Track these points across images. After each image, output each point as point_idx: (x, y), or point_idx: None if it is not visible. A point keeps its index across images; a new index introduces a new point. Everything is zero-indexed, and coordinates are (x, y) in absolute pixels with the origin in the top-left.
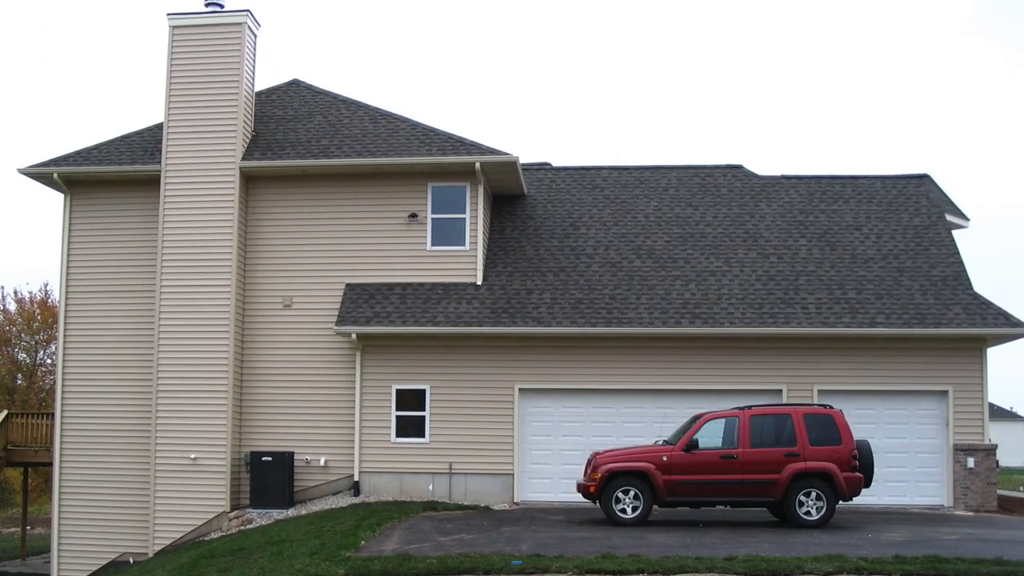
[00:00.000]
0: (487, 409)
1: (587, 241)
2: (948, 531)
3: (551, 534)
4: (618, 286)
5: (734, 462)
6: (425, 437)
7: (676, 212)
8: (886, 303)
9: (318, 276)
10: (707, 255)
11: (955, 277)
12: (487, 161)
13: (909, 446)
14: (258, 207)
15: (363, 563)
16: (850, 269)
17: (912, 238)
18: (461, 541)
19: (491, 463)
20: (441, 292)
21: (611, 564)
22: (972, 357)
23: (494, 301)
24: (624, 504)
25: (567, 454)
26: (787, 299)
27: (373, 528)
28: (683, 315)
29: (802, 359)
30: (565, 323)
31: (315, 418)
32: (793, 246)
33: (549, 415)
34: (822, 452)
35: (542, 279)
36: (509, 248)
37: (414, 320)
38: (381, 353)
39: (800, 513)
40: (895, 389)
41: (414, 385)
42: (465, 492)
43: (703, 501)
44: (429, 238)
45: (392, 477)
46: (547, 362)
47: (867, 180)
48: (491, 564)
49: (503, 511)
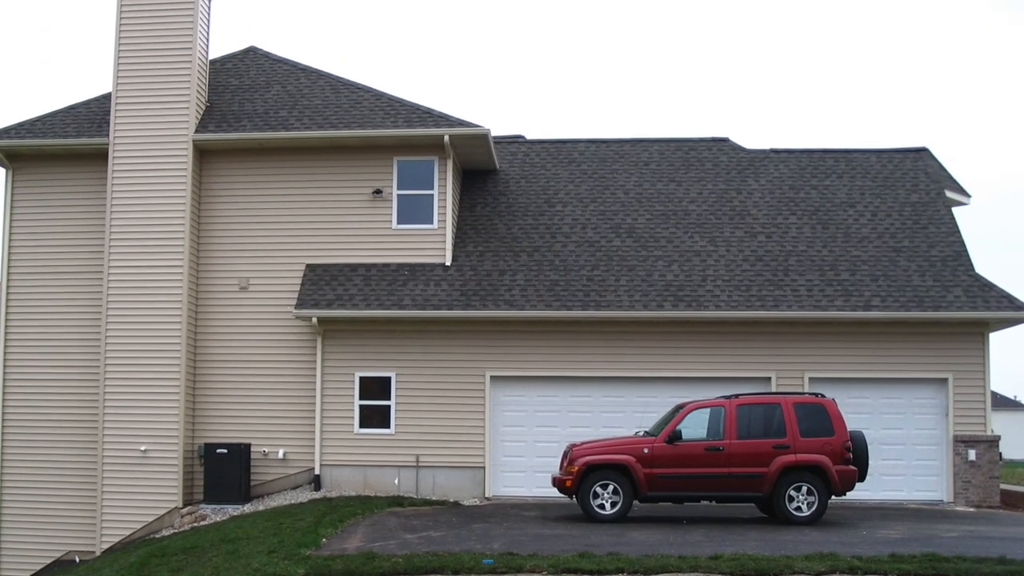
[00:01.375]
0: (457, 398)
1: (563, 219)
2: (948, 528)
3: (525, 531)
4: (596, 267)
5: (720, 454)
6: (390, 428)
7: (658, 188)
8: (882, 285)
9: (276, 256)
10: (691, 234)
11: (955, 257)
12: (456, 134)
13: (906, 437)
14: (212, 183)
15: (324, 562)
16: (843, 249)
17: (909, 216)
18: (429, 539)
19: (461, 455)
20: (407, 273)
21: (589, 563)
22: (973, 342)
23: (464, 283)
24: (602, 499)
25: (542, 446)
26: (776, 281)
27: (335, 525)
28: (665, 298)
29: (792, 345)
30: (540, 306)
31: (273, 408)
32: (783, 224)
33: (523, 404)
34: (813, 444)
35: (515, 259)
36: (480, 226)
37: (378, 303)
38: (343, 338)
39: (790, 509)
40: (891, 377)
41: (379, 372)
42: (433, 486)
43: (687, 496)
44: (395, 216)
45: (355, 470)
46: (521, 348)
47: (861, 154)
48: (461, 563)
49: (474, 507)
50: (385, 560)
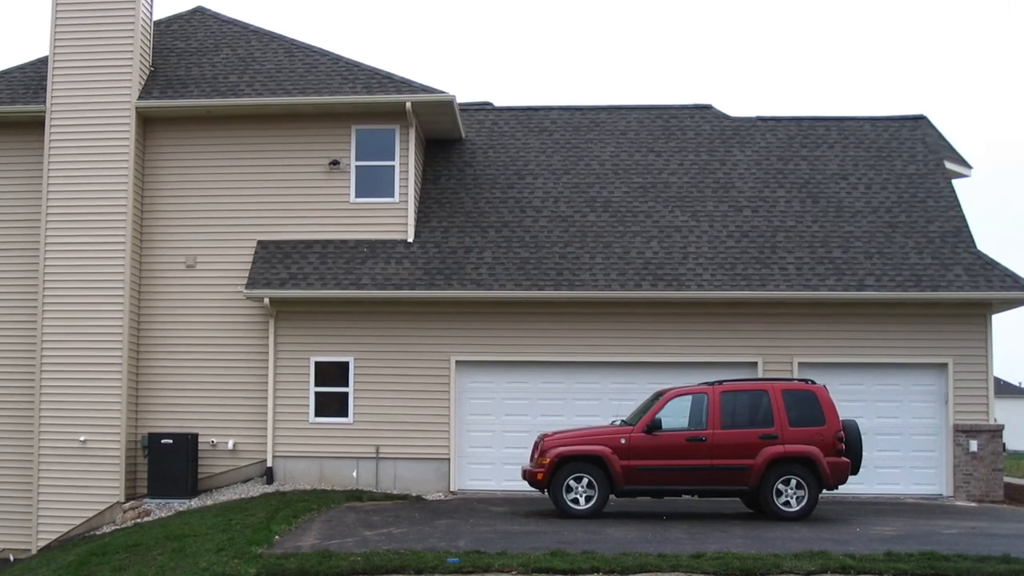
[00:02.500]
0: (419, 384)
1: (534, 192)
2: (947, 524)
3: (493, 528)
4: (569, 243)
5: (702, 445)
6: (348, 417)
7: (636, 159)
8: (876, 263)
9: (226, 232)
10: (671, 208)
11: (955, 233)
12: (419, 100)
13: (903, 427)
14: (157, 153)
15: (277, 561)
16: (835, 224)
17: (906, 188)
18: (389, 536)
19: (424, 446)
20: (367, 250)
21: (561, 562)
22: (975, 325)
23: (427, 261)
24: (576, 493)
25: (511, 436)
26: (763, 258)
27: (289, 521)
28: (644, 277)
29: (780, 327)
30: (509, 286)
31: (222, 395)
32: (770, 198)
33: (490, 391)
34: (803, 434)
35: (482, 235)
36: (444, 200)
37: (335, 283)
38: (298, 320)
39: (778, 504)
40: (887, 362)
41: (336, 357)
42: (394, 479)
43: (667, 490)
44: (353, 189)
45: (310, 462)
46: (488, 331)
47: (855, 122)
48: (424, 562)
49: (438, 501)
50: (342, 559)
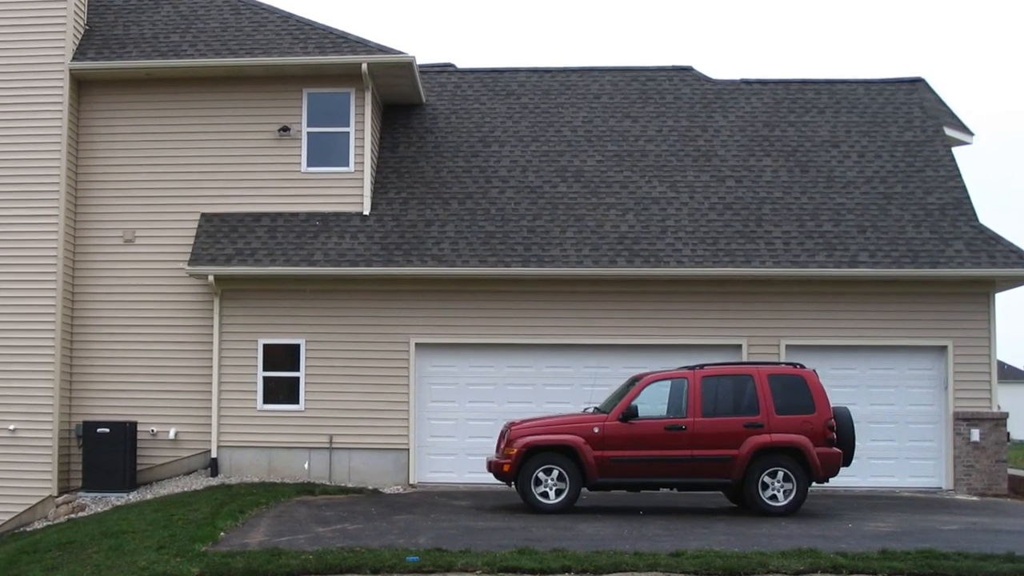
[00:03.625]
0: (376, 369)
1: (500, 161)
2: (947, 520)
3: (455, 524)
4: (538, 216)
5: (682, 434)
6: (299, 404)
7: (610, 125)
8: (870, 237)
9: (167, 204)
10: (648, 178)
11: (956, 205)
12: (376, 62)
13: (899, 414)
14: (93, 119)
15: (222, 560)
16: (826, 195)
17: (903, 157)
18: (344, 532)
19: (381, 436)
20: (319, 224)
21: (530, 561)
22: (977, 304)
23: (385, 235)
24: (546, 486)
25: (475, 424)
26: (748, 233)
27: (235, 516)
28: (619, 252)
29: (766, 307)
30: (473, 262)
31: (163, 380)
32: (755, 167)
33: (453, 376)
34: (791, 422)
35: (444, 208)
36: (403, 170)
37: (285, 259)
38: (245, 299)
39: (764, 498)
40: (882, 344)
41: (286, 339)
42: (349, 471)
43: (644, 482)
44: (304, 157)
45: (259, 453)
46: (451, 311)
47: (847, 85)
48: (381, 561)
49: (396, 495)
50: (293, 557)
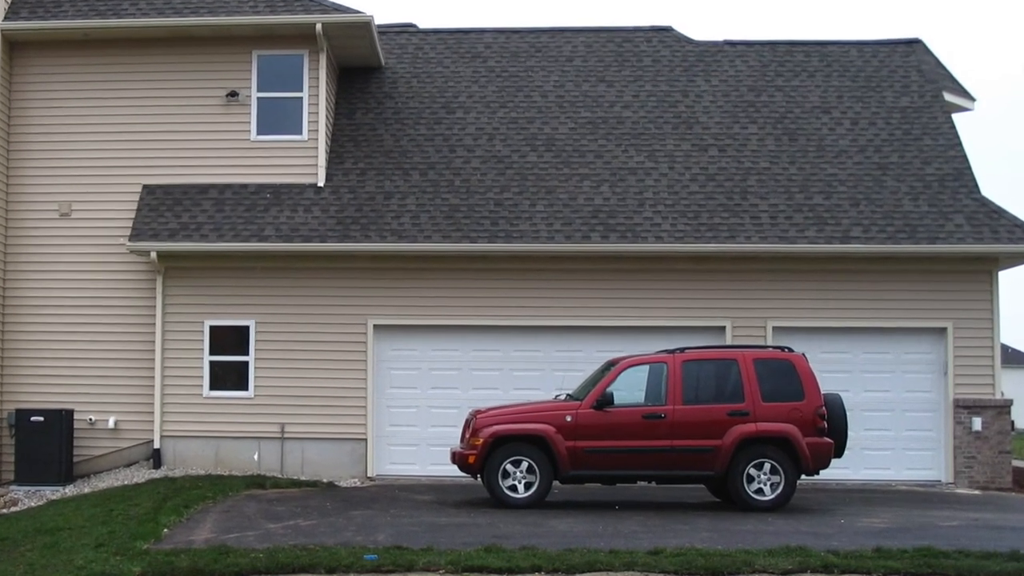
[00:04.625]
0: (331, 353)
1: (465, 128)
2: (947, 515)
3: (417, 519)
4: (506, 188)
5: (661, 423)
6: (249, 390)
7: (584, 90)
8: (864, 211)
9: (107, 175)
10: (625, 147)
11: (956, 176)
12: (331, 21)
13: (895, 402)
14: (27, 83)
15: (166, 558)
16: (816, 166)
17: (899, 124)
18: (296, 529)
19: (337, 425)
20: (270, 196)
21: (497, 559)
22: (979, 283)
23: (341, 208)
24: (514, 479)
25: (438, 413)
26: (732, 206)
27: (179, 511)
28: (593, 227)
29: (752, 286)
30: (436, 238)
31: (102, 365)
32: (740, 135)
33: (414, 361)
34: (778, 410)
35: (405, 179)
36: (361, 138)
37: (234, 234)
38: (190, 278)
39: (749, 491)
40: (876, 326)
41: (235, 321)
42: (302, 463)
43: (620, 475)
44: (254, 124)
45: (205, 443)
46: (412, 290)
47: (839, 47)
48: (337, 559)
49: (353, 489)
50: (242, 556)
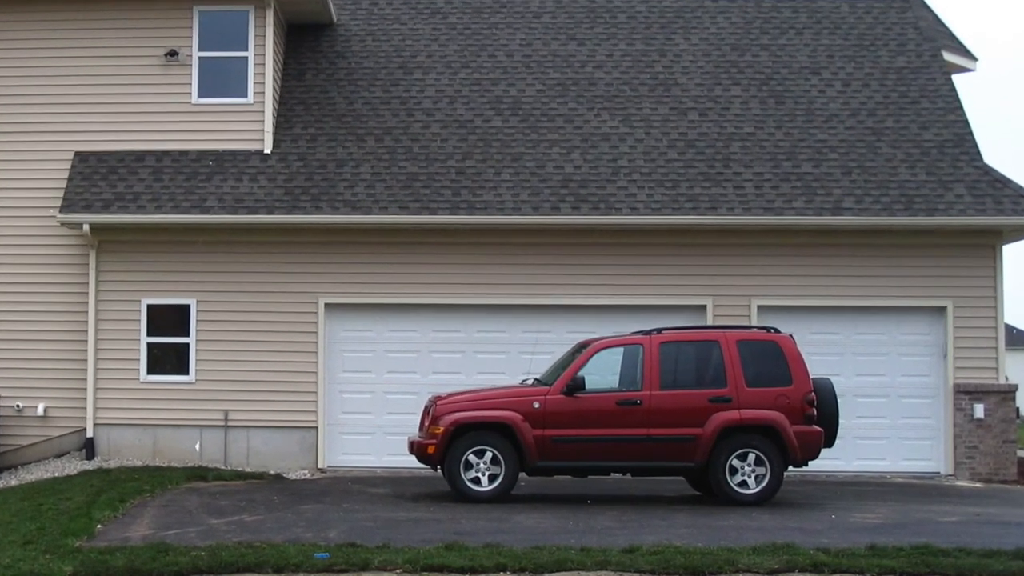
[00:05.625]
0: (280, 333)
1: (424, 91)
2: (947, 510)
3: (372, 514)
4: (469, 155)
5: (636, 410)
6: (189, 374)
7: (553, 48)
8: (857, 180)
9: (35, 141)
10: (598, 111)
11: (956, 142)
12: None
13: (890, 387)
14: None
15: (100, 556)
16: (805, 131)
17: (894, 86)
18: (241, 525)
19: (285, 412)
20: (213, 164)
21: (459, 558)
22: (981, 258)
23: (289, 177)
24: (477, 471)
25: (395, 399)
26: (713, 175)
27: (114, 506)
28: (563, 198)
29: (735, 262)
30: (392, 209)
31: (29, 347)
32: (722, 98)
33: (369, 342)
34: (764, 396)
35: (359, 146)
36: (311, 101)
37: (173, 205)
38: (126, 252)
39: (732, 484)
40: (870, 305)
41: (174, 299)
42: (248, 453)
43: (592, 466)
44: (195, 86)
45: (142, 432)
46: (367, 266)
47: (829, 2)
48: (285, 558)
49: (303, 481)
50: (182, 554)
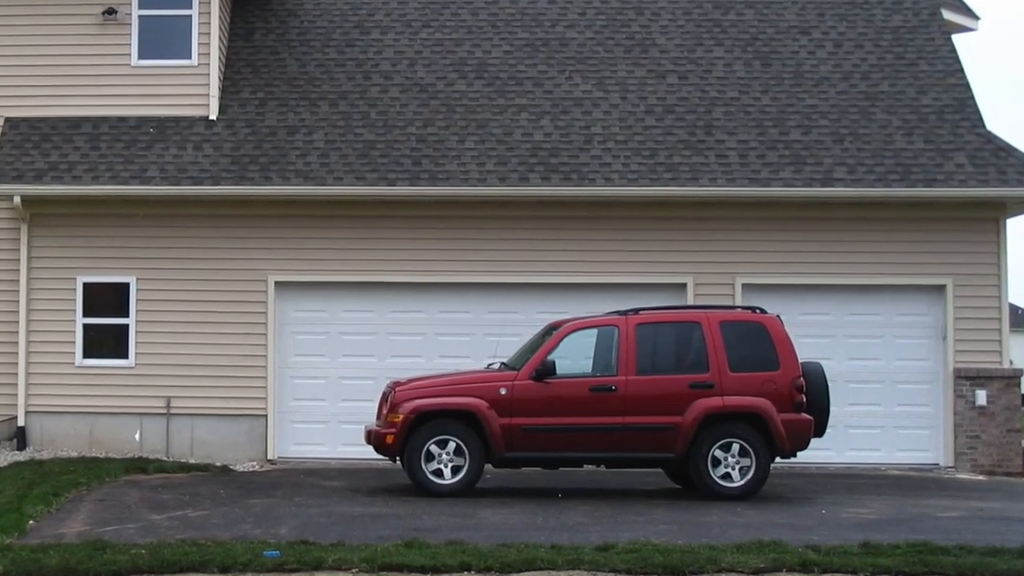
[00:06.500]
0: (226, 314)
1: (382, 52)
2: (946, 505)
3: (326, 509)
4: (431, 122)
5: (611, 397)
6: (129, 358)
7: (521, 6)
8: (849, 149)
9: None
10: (569, 74)
11: (957, 107)
12: None
13: (885, 372)
14: None
15: (32, 555)
16: (793, 96)
17: (890, 47)
18: (185, 520)
19: (232, 399)
20: (155, 131)
21: (419, 556)
22: (983, 233)
23: (237, 145)
24: (440, 463)
25: (351, 385)
26: (694, 143)
27: (48, 500)
28: (532, 167)
29: (718, 237)
30: (348, 180)
31: None
32: (704, 60)
33: (323, 323)
34: (749, 381)
35: (312, 112)
36: (260, 63)
37: (112, 175)
38: (61, 227)
39: (715, 476)
40: (864, 283)
41: (113, 277)
42: (192, 444)
43: (563, 458)
44: (135, 47)
45: (78, 420)
46: (320, 241)
47: None
48: (232, 556)
49: (251, 473)
50: (121, 552)
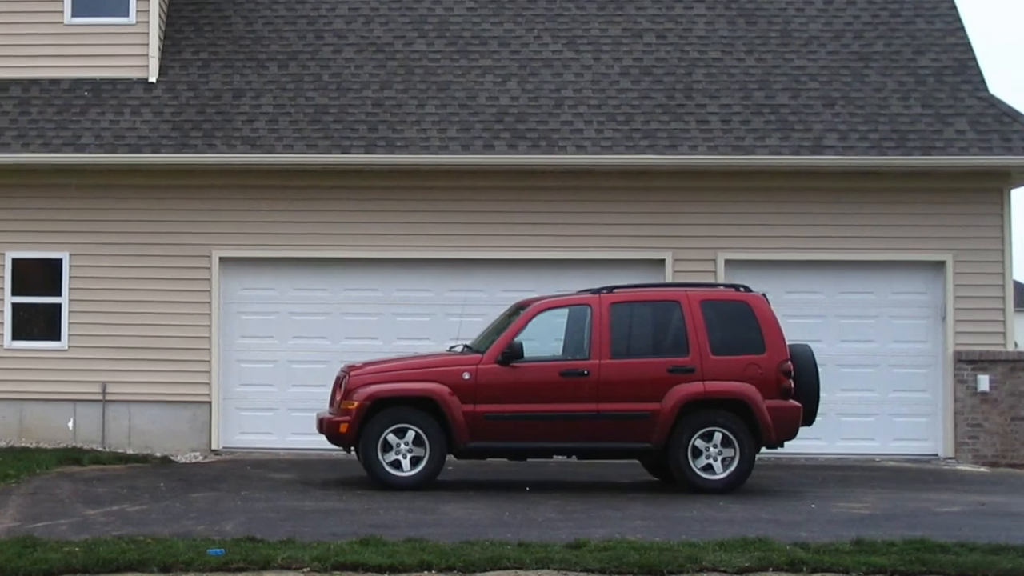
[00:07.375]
0: (167, 292)
1: (335, 9)
2: (945, 499)
3: (274, 504)
4: (388, 85)
5: (584, 382)
6: (61, 340)
7: None
8: (841, 114)
9: None
10: (538, 32)
11: (958, 69)
12: None
13: (880, 355)
14: None
15: None
16: (780, 56)
17: (885, 3)
18: (123, 516)
19: (173, 384)
20: (89, 94)
21: (376, 554)
22: (986, 204)
23: (178, 110)
24: (398, 453)
25: (302, 369)
26: (673, 108)
27: None
28: (498, 134)
29: (699, 209)
30: (298, 147)
31: None
32: (684, 18)
33: (272, 302)
34: (732, 365)
35: (259, 73)
36: (204, 20)
37: (43, 142)
38: None
39: (695, 468)
40: (856, 259)
41: (44, 252)
42: (130, 433)
43: (531, 448)
44: (68, 4)
45: (6, 407)
46: (268, 213)
47: None
48: (173, 554)
49: (194, 465)
50: (53, 550)
